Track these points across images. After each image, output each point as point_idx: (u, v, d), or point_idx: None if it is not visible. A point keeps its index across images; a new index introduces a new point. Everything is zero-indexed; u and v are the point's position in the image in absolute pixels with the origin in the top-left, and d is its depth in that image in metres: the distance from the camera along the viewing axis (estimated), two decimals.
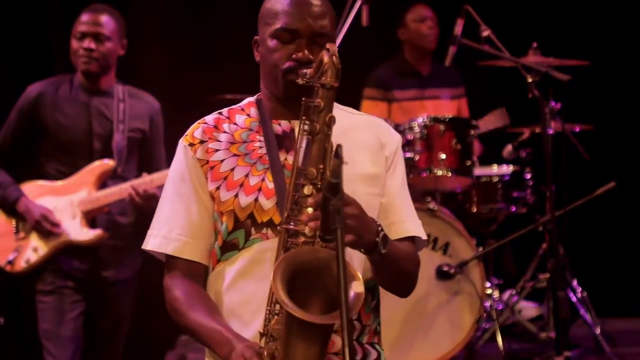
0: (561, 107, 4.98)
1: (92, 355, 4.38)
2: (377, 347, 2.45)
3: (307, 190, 2.23)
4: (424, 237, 2.50)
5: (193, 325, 2.39)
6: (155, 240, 2.47)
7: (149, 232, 2.49)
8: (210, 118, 2.52)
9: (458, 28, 5.17)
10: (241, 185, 2.39)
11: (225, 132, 2.47)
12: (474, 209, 5.64)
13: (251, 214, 2.37)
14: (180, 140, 2.50)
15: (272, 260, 2.28)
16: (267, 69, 2.45)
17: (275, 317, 2.22)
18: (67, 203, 4.25)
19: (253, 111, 2.51)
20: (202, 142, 2.46)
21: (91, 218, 4.27)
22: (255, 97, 2.54)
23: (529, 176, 5.65)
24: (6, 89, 4.62)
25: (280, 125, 2.45)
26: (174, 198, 2.47)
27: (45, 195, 4.27)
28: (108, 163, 4.28)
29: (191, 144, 2.47)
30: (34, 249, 4.25)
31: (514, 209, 5.64)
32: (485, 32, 4.88)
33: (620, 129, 6.47)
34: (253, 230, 2.37)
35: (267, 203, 2.37)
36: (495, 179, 5.63)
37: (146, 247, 2.48)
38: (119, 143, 4.30)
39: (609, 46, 6.43)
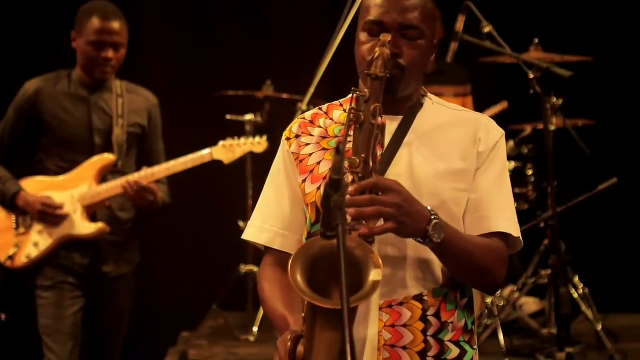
0: (563, 103, 4.98)
1: (92, 351, 4.39)
2: (465, 345, 2.42)
3: (346, 179, 2.21)
4: (517, 234, 2.43)
5: (269, 312, 2.44)
6: (251, 231, 2.53)
7: (249, 222, 2.56)
8: (309, 113, 2.56)
9: (459, 24, 5.17)
10: (324, 178, 2.41)
11: (319, 126, 2.51)
12: None
13: None
14: (283, 135, 2.55)
15: None
16: (359, 62, 2.44)
17: None
18: (67, 198, 4.25)
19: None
20: (297, 136, 2.51)
21: (92, 213, 4.28)
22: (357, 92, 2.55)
23: (530, 172, 5.65)
24: (8, 85, 4.61)
25: None
26: (270, 190, 2.54)
27: (46, 191, 4.27)
28: (108, 157, 4.28)
29: (288, 138, 2.52)
30: (35, 244, 4.25)
31: (515, 205, 5.62)
32: (487, 29, 4.88)
33: (622, 125, 6.47)
34: None
35: None
36: None
37: (245, 237, 2.55)
38: (119, 138, 4.30)
39: (610, 42, 6.43)
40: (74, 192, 4.26)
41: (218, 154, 4.44)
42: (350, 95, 2.49)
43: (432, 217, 2.23)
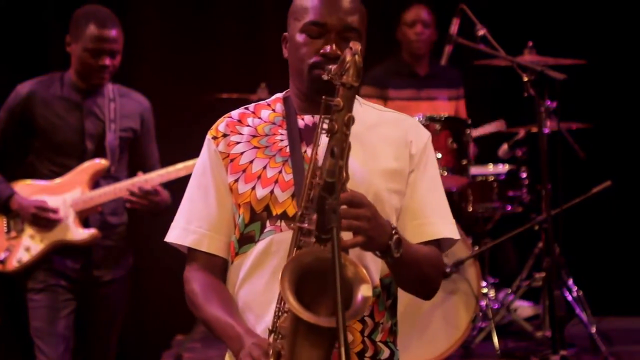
0: (557, 105, 4.98)
1: (84, 355, 4.37)
2: (392, 346, 2.43)
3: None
4: (457, 237, 2.46)
5: (208, 319, 2.40)
6: (175, 232, 2.49)
7: (172, 224, 2.51)
8: (235, 112, 2.55)
9: (454, 27, 5.17)
10: (259, 177, 2.40)
11: (248, 125, 2.49)
12: (470, 208, 5.64)
13: (267, 206, 2.37)
14: (207, 134, 2.52)
15: (285, 253, 2.27)
16: (294, 64, 2.44)
17: (285, 314, 2.21)
18: (60, 202, 4.24)
19: (279, 107, 2.52)
20: (224, 135, 2.48)
21: (84, 218, 4.26)
22: (283, 93, 2.55)
23: (524, 175, 5.65)
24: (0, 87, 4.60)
25: (304, 120, 2.46)
26: (195, 191, 2.49)
27: (38, 195, 4.25)
28: (101, 162, 4.27)
29: (214, 137, 2.49)
30: (26, 249, 4.24)
31: (509, 208, 5.65)
32: (481, 31, 4.89)
33: (616, 128, 6.48)
34: (268, 223, 2.37)
35: (283, 195, 2.37)
36: (491, 178, 5.63)
37: (168, 239, 2.50)
38: (112, 142, 4.29)
39: (604, 45, 6.44)
40: (66, 196, 4.24)
41: None
42: (277, 96, 2.52)
43: (394, 232, 2.24)
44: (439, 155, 5.10)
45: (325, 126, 2.21)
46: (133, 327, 6.03)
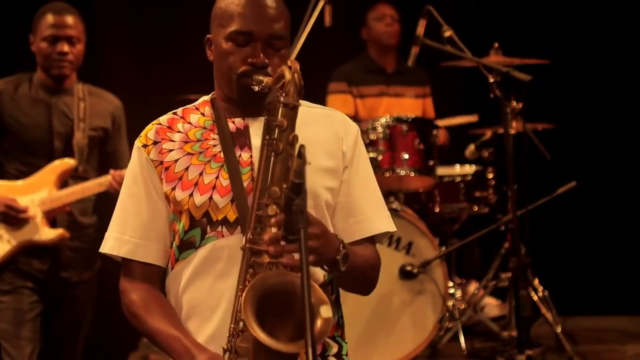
0: (522, 106, 5.01)
1: (51, 356, 4.35)
2: (339, 340, 2.45)
3: (270, 210, 2.21)
4: (393, 229, 2.48)
5: (151, 331, 2.39)
6: (109, 243, 2.46)
7: (106, 234, 2.48)
8: (164, 118, 2.52)
9: (420, 28, 5.18)
10: (195, 184, 2.38)
11: (179, 131, 2.47)
12: (437, 209, 5.66)
13: (206, 213, 2.37)
14: (136, 142, 2.49)
15: (228, 258, 2.29)
16: (221, 72, 2.43)
17: (241, 334, 2.21)
18: (27, 202, 4.21)
19: (207, 110, 2.51)
20: (155, 142, 2.46)
21: (52, 218, 4.24)
22: (210, 95, 2.54)
23: (491, 176, 5.68)
24: None
25: (235, 123, 2.45)
26: (127, 200, 2.46)
27: (6, 195, 4.22)
28: (69, 162, 4.25)
29: (145, 145, 2.46)
30: None
31: (476, 208, 5.67)
32: (447, 33, 4.90)
33: (581, 129, 6.52)
34: (209, 229, 2.36)
35: (222, 201, 2.36)
36: (458, 179, 5.66)
37: (102, 249, 2.48)
38: (80, 142, 4.27)
39: (569, 45, 6.48)
40: (34, 196, 4.22)
41: None
42: (204, 98, 2.53)
43: (341, 247, 2.25)
44: (406, 156, 5.12)
45: (269, 147, 2.22)
46: (100, 328, 5.98)
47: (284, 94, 2.24)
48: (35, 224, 4.21)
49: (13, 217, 4.18)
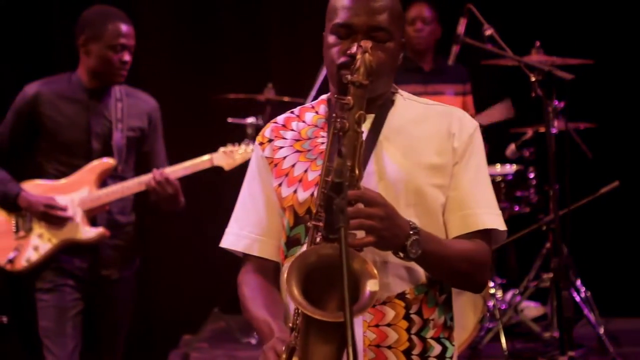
0: (564, 105, 4.98)
1: (92, 354, 4.38)
2: (445, 342, 2.42)
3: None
4: (502, 228, 2.43)
5: (251, 319, 2.42)
6: (229, 238, 2.53)
7: (226, 229, 2.55)
8: (281, 117, 2.57)
9: (461, 27, 5.16)
10: (300, 180, 2.41)
11: (292, 130, 2.51)
12: None
13: (309, 209, 2.38)
14: (256, 140, 2.56)
15: None
16: (326, 65, 2.45)
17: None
18: (67, 202, 4.24)
19: (322, 108, 2.52)
20: (270, 140, 2.51)
21: (92, 217, 4.27)
22: (328, 94, 2.54)
23: (532, 175, 5.64)
24: (7, 88, 4.61)
25: None
26: (246, 196, 2.54)
27: (46, 194, 4.26)
28: (109, 162, 4.27)
29: (261, 143, 2.52)
30: (35, 248, 4.24)
31: (517, 208, 5.64)
32: (488, 31, 4.88)
33: (624, 127, 6.46)
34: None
35: None
36: (499, 179, 5.62)
37: (222, 244, 2.54)
38: (118, 142, 4.30)
39: (612, 44, 6.43)
40: (73, 196, 4.25)
41: (218, 160, 4.41)
42: (322, 97, 2.53)
43: (412, 233, 2.23)
44: None
45: (337, 125, 2.22)
46: (141, 326, 6.02)
47: (354, 74, 2.25)
48: (76, 223, 4.24)
49: (53, 216, 4.21)
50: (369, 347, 2.32)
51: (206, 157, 4.39)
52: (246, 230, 2.50)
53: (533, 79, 4.68)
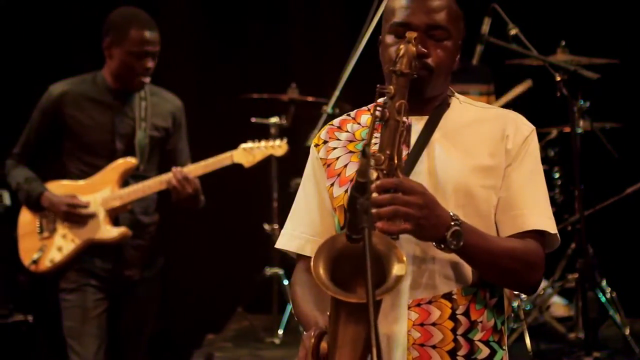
0: (590, 105, 4.95)
1: (116, 353, 4.39)
2: (494, 345, 2.41)
3: (373, 175, 2.21)
4: (553, 231, 2.42)
5: (300, 314, 2.43)
6: (283, 239, 2.54)
7: (282, 230, 2.56)
8: (337, 119, 2.57)
9: (485, 27, 5.14)
10: (351, 180, 2.41)
11: (347, 131, 2.51)
12: None
13: None
14: (312, 142, 2.57)
15: None
16: (384, 65, 2.44)
17: None
18: (90, 202, 4.26)
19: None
20: (325, 142, 2.52)
21: (114, 216, 4.28)
22: (385, 97, 2.55)
23: (557, 175, 5.62)
24: (26, 88, 4.64)
25: None
26: (301, 197, 2.54)
27: (67, 194, 4.28)
28: (131, 161, 4.28)
29: (316, 145, 2.53)
30: (58, 249, 4.26)
31: None
32: (513, 31, 4.86)
33: None
34: None
35: None
36: None
37: (277, 245, 2.55)
38: (141, 141, 4.31)
39: (638, 44, 6.38)
40: (96, 195, 4.27)
41: (238, 157, 4.41)
42: (379, 100, 2.50)
43: (452, 224, 2.21)
44: None
45: (377, 113, 2.23)
46: (164, 325, 6.04)
47: (396, 64, 2.26)
48: (98, 222, 4.25)
49: (76, 215, 4.22)
50: (413, 346, 2.32)
51: (226, 154, 4.39)
52: (299, 230, 2.51)
53: (558, 78, 4.66)
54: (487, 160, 2.38)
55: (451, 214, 2.23)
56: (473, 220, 2.30)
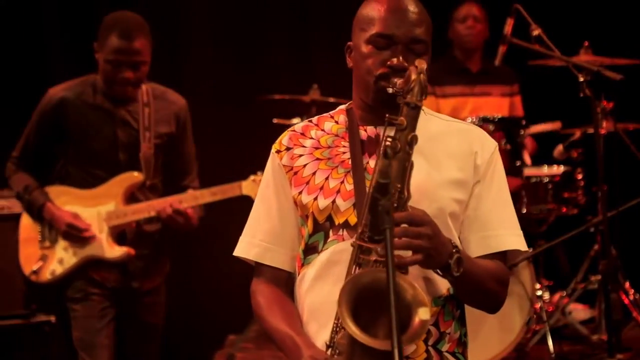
0: (613, 106, 4.93)
1: None
2: (460, 357, 2.42)
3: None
4: (524, 248, 2.44)
5: (270, 330, 2.43)
6: (241, 246, 2.52)
7: (240, 237, 2.54)
8: (299, 126, 2.55)
9: (508, 27, 5.13)
10: (321, 188, 2.40)
11: (311, 138, 2.50)
12: (524, 210, 5.58)
13: (329, 216, 2.38)
14: (272, 147, 2.54)
15: (347, 261, 2.26)
16: (359, 75, 2.43)
17: (342, 330, 2.20)
18: (94, 215, 4.16)
19: (342, 118, 2.52)
20: (288, 148, 2.49)
21: (118, 232, 4.19)
22: (347, 105, 2.54)
23: (580, 176, 5.60)
24: (26, 88, 4.58)
25: (367, 131, 2.45)
26: (259, 204, 2.52)
27: (72, 204, 4.19)
28: (137, 177, 4.17)
29: (278, 151, 2.50)
30: (59, 261, 4.18)
31: (565, 209, 5.59)
32: (536, 31, 4.84)
33: None
34: (331, 233, 2.37)
35: (344, 204, 2.36)
36: (546, 180, 5.58)
37: (235, 253, 2.53)
38: (146, 153, 4.18)
39: None
40: (100, 209, 4.16)
41: (247, 189, 4.27)
42: (341, 107, 2.53)
43: (454, 251, 2.22)
44: None
45: (387, 144, 2.20)
46: (185, 326, 6.05)
47: (408, 94, 2.23)
48: (101, 239, 4.16)
49: (74, 236, 4.13)
50: None
51: (235, 184, 4.28)
52: (257, 238, 2.48)
53: (581, 79, 4.64)
54: (456, 173, 2.38)
55: (451, 241, 2.24)
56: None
